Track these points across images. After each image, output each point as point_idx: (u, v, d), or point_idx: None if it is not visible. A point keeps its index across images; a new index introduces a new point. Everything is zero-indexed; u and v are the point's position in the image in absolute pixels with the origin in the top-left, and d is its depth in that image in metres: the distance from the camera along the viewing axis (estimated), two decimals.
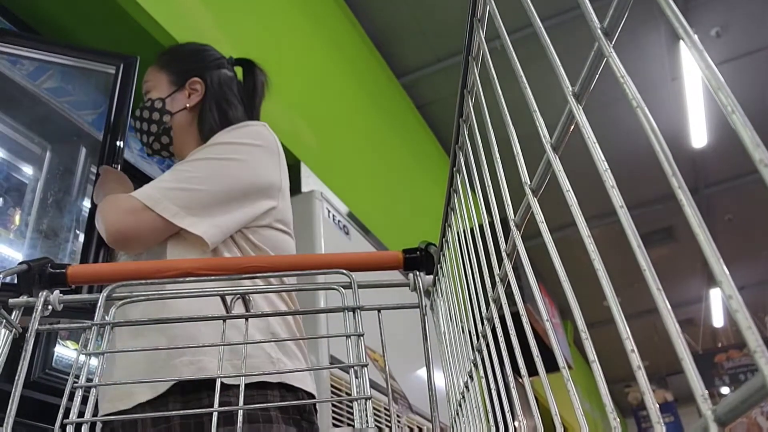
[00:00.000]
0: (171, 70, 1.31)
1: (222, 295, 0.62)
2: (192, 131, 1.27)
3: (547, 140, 0.34)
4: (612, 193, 0.26)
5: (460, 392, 0.60)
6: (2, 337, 0.55)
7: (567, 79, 0.31)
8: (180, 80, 1.29)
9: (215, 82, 1.30)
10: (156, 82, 1.30)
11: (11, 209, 1.95)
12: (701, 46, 0.21)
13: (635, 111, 0.24)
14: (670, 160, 0.22)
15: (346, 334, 0.57)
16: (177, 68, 1.31)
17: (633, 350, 0.24)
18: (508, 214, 0.41)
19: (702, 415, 0.19)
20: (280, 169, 1.19)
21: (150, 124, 1.26)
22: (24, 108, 1.95)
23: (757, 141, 0.18)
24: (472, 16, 0.46)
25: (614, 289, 0.26)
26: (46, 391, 1.73)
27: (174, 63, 1.32)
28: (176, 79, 1.29)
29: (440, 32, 4.07)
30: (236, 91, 1.32)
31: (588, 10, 0.29)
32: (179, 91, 1.28)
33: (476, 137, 0.51)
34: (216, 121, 1.25)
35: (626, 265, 1.67)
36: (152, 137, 1.28)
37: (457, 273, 0.61)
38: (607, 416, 0.28)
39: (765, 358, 0.17)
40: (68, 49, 1.70)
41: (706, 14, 4.21)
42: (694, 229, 0.20)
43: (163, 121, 1.26)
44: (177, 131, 1.27)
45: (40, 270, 0.60)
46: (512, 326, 0.43)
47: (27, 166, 2.05)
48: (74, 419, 0.48)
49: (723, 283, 0.19)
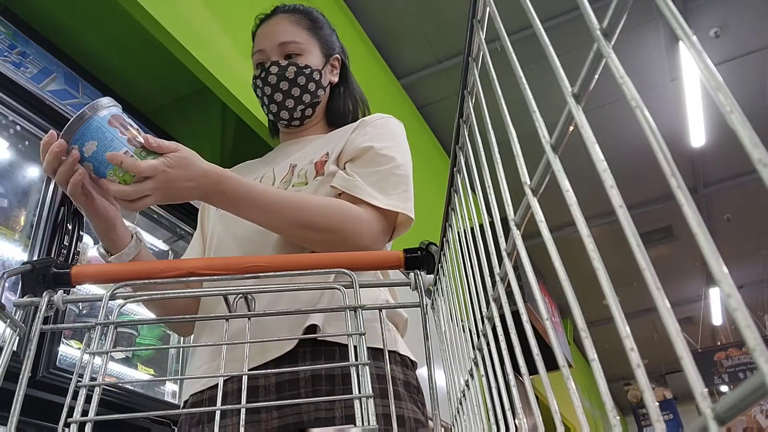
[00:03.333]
0: (320, 40, 1.26)
1: (224, 294, 0.62)
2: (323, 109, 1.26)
3: (546, 140, 0.34)
4: (611, 193, 0.26)
5: (461, 390, 0.61)
6: (7, 336, 0.55)
7: (566, 80, 0.31)
8: (327, 53, 1.26)
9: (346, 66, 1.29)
10: (308, 46, 1.23)
11: (16, 210, 1.95)
12: (700, 47, 0.21)
13: (634, 111, 0.25)
14: (669, 160, 0.23)
15: (347, 333, 0.58)
16: (324, 40, 1.26)
17: (633, 348, 0.25)
18: (508, 214, 0.41)
19: (701, 413, 0.19)
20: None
21: (303, 93, 1.20)
22: (27, 110, 1.95)
23: (756, 140, 0.18)
24: (472, 17, 0.47)
25: (614, 288, 0.26)
26: (50, 390, 1.73)
27: (321, 33, 1.27)
28: (325, 51, 1.25)
29: (440, 33, 4.07)
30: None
31: (587, 11, 0.29)
32: (326, 65, 1.25)
33: (476, 137, 0.51)
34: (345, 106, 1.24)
35: (626, 264, 1.67)
36: (301, 106, 1.21)
37: (457, 272, 0.61)
38: (607, 414, 0.28)
39: (764, 356, 0.17)
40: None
41: (705, 15, 4.21)
42: (693, 229, 0.20)
43: (317, 95, 1.22)
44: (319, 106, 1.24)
45: (43, 270, 0.60)
46: (512, 325, 0.43)
47: (32, 167, 2.05)
48: (78, 418, 0.48)
49: (722, 282, 0.19)
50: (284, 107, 1.21)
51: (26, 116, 1.96)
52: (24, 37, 2.04)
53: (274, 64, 1.20)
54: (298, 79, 1.19)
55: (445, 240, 0.67)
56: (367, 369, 0.55)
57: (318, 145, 1.19)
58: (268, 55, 1.22)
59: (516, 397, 0.44)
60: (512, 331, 0.42)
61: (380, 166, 1.07)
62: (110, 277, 0.64)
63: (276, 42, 1.21)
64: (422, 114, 4.72)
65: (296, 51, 1.21)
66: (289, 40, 1.21)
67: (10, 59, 1.96)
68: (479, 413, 0.55)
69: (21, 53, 2.01)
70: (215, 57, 2.26)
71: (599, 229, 5.51)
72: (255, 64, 1.25)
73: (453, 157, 0.59)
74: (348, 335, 0.58)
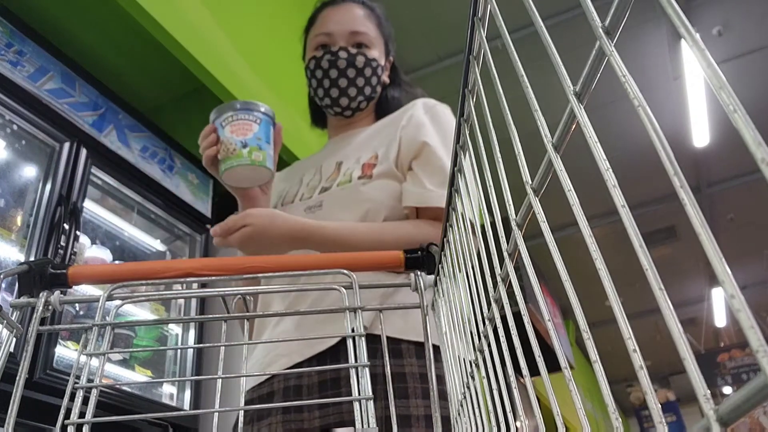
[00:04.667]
0: (383, 36, 1.27)
1: (222, 295, 0.62)
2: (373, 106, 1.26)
3: (548, 140, 0.33)
4: (614, 193, 0.25)
5: (462, 392, 0.60)
6: (3, 337, 0.55)
7: (568, 79, 0.31)
8: (387, 52, 1.27)
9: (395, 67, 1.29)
10: (374, 40, 1.24)
11: (13, 210, 1.95)
12: (703, 45, 0.21)
13: (637, 110, 0.24)
14: (672, 160, 0.22)
15: (347, 335, 0.57)
16: (386, 38, 1.27)
17: (635, 350, 0.24)
18: (509, 214, 0.41)
19: (704, 415, 0.19)
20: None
21: (366, 85, 1.21)
22: (24, 109, 1.95)
23: (759, 140, 0.18)
24: (473, 15, 0.46)
25: (616, 289, 0.26)
26: (48, 391, 1.73)
27: (385, 32, 1.28)
28: (386, 49, 1.27)
29: (441, 31, 4.07)
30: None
31: (589, 9, 0.28)
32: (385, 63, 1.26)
33: (477, 136, 0.51)
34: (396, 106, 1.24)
35: (628, 264, 1.67)
36: (362, 97, 1.22)
37: (458, 273, 0.61)
38: (609, 416, 0.28)
39: (767, 357, 0.17)
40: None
41: (708, 13, 4.20)
42: (696, 229, 0.20)
43: (376, 90, 1.23)
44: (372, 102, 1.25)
45: (40, 270, 0.60)
46: (514, 326, 0.42)
47: (28, 166, 2.05)
48: (75, 420, 0.48)
49: (725, 283, 0.19)
50: (345, 94, 1.21)
51: (23, 115, 1.96)
52: (21, 35, 2.04)
53: (343, 49, 1.20)
54: (365, 70, 1.19)
55: (445, 240, 0.67)
56: (367, 370, 0.55)
57: (366, 139, 1.19)
58: (335, 39, 1.22)
59: (517, 399, 0.44)
60: (513, 332, 0.42)
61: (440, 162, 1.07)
62: (107, 278, 0.64)
63: (348, 29, 1.21)
64: None
65: (366, 42, 1.22)
66: (362, 30, 1.22)
67: (7, 58, 1.95)
68: (480, 414, 0.54)
69: (18, 52, 2.00)
70: (213, 55, 2.26)
71: (601, 230, 5.51)
72: (316, 45, 1.24)
73: (454, 157, 0.58)
74: (348, 336, 0.57)
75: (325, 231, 1.01)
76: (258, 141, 1.04)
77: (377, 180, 1.09)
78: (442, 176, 1.04)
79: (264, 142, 1.05)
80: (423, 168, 1.07)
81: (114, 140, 2.32)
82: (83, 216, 2.11)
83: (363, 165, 1.12)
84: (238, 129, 1.03)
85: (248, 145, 1.02)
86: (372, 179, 1.09)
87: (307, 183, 1.20)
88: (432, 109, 1.18)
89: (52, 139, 2.07)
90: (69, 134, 2.11)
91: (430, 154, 1.08)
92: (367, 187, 1.09)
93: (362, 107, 1.23)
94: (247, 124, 1.03)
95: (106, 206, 2.40)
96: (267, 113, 1.07)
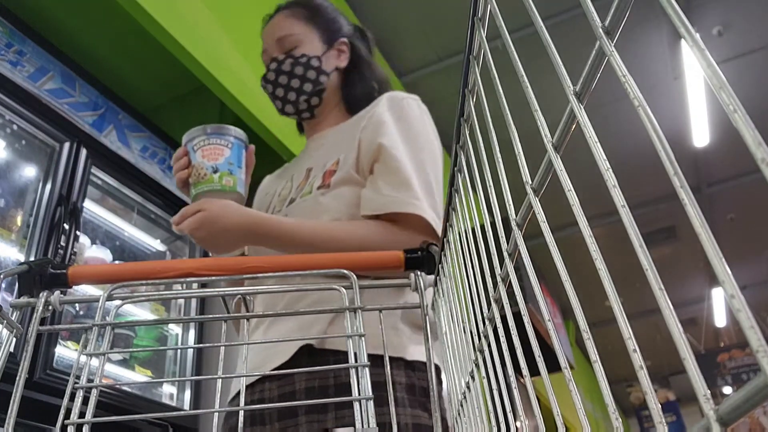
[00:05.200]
0: (319, 26, 1.24)
1: (222, 295, 0.62)
2: (337, 96, 1.24)
3: (548, 140, 0.33)
4: (614, 193, 0.25)
5: (462, 392, 0.60)
6: (3, 337, 0.55)
7: (568, 79, 0.31)
8: (329, 39, 1.23)
9: (358, 47, 1.26)
10: (304, 36, 1.22)
11: (13, 210, 1.95)
12: (703, 45, 0.21)
13: (637, 110, 0.24)
14: (672, 160, 0.22)
15: (347, 335, 0.57)
16: (325, 26, 1.25)
17: (635, 350, 0.24)
18: (509, 214, 0.41)
19: (704, 415, 0.19)
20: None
21: (304, 82, 1.19)
22: (24, 109, 1.95)
23: (760, 140, 0.18)
24: (473, 15, 0.46)
25: (616, 289, 0.26)
26: (48, 391, 1.73)
27: (320, 19, 1.25)
28: (326, 37, 1.23)
29: (441, 31, 4.07)
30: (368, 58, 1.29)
31: (589, 9, 0.28)
32: (330, 50, 1.23)
33: (477, 136, 0.51)
34: (363, 89, 1.22)
35: (628, 264, 1.67)
36: (304, 96, 1.20)
37: (458, 272, 0.61)
38: (609, 416, 0.28)
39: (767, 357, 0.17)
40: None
41: (708, 13, 4.20)
42: (696, 229, 0.20)
43: (319, 81, 1.20)
44: (328, 93, 1.22)
45: (40, 270, 0.60)
46: (514, 326, 0.42)
47: (28, 166, 2.05)
48: (75, 420, 0.48)
49: (725, 283, 0.19)
50: (287, 101, 1.21)
51: (23, 115, 1.96)
52: (21, 35, 2.04)
53: (273, 60, 1.20)
54: (295, 70, 1.18)
55: (445, 240, 0.67)
56: (367, 371, 0.55)
57: (333, 140, 1.18)
58: (269, 53, 1.22)
59: (517, 399, 0.44)
60: (513, 332, 0.42)
61: (395, 164, 1.04)
62: (107, 278, 0.64)
63: (274, 39, 1.22)
64: None
65: (293, 44, 1.20)
66: (284, 35, 1.21)
67: (7, 58, 1.95)
68: (480, 415, 0.54)
69: (18, 52, 2.01)
70: (213, 55, 2.26)
71: (601, 230, 5.51)
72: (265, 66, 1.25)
73: (454, 157, 0.58)
74: (348, 336, 0.57)
75: (279, 225, 0.99)
76: (229, 166, 1.07)
77: (335, 189, 1.08)
78: (399, 177, 1.02)
79: (235, 166, 1.08)
80: (381, 171, 1.05)
81: (114, 140, 2.33)
82: (83, 216, 2.11)
83: (324, 173, 1.11)
84: (209, 153, 1.06)
85: (219, 170, 1.05)
86: (330, 188, 1.08)
87: (279, 193, 1.20)
88: (396, 105, 1.14)
89: (52, 139, 2.07)
90: (69, 134, 2.11)
91: (387, 156, 1.05)
92: (325, 198, 1.08)
93: (314, 103, 1.21)
94: (219, 149, 1.06)
95: (106, 206, 2.40)
96: (239, 137, 1.10)
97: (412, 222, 0.99)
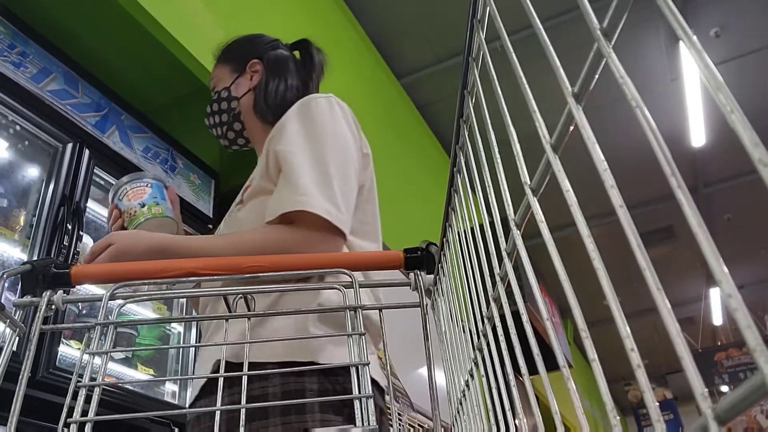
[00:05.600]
0: (230, 60, 1.31)
1: (224, 294, 0.62)
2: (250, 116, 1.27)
3: (546, 140, 0.34)
4: (612, 193, 0.26)
5: (461, 390, 0.60)
6: (6, 336, 0.55)
7: (566, 80, 0.31)
8: (240, 67, 1.29)
9: (272, 60, 1.29)
10: (219, 76, 1.30)
11: (16, 210, 1.95)
12: (700, 47, 0.21)
13: (635, 111, 0.25)
14: (670, 160, 0.22)
15: (347, 333, 0.58)
16: (235, 56, 1.31)
17: (633, 349, 0.24)
18: (508, 214, 0.41)
19: (702, 414, 0.19)
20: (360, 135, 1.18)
21: (221, 115, 1.26)
22: (27, 110, 1.95)
23: (756, 140, 0.18)
24: (472, 17, 0.47)
25: (614, 288, 0.26)
26: (50, 390, 1.73)
27: (231, 53, 1.33)
28: (236, 66, 1.29)
29: (440, 33, 4.07)
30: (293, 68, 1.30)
31: (587, 11, 0.29)
32: (241, 76, 1.28)
33: (476, 137, 0.51)
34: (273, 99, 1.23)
35: (626, 264, 1.67)
36: (225, 127, 1.27)
37: (457, 272, 0.61)
38: (608, 414, 0.28)
39: (764, 356, 0.17)
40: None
41: (705, 15, 4.21)
42: (694, 229, 0.20)
43: (231, 108, 1.26)
44: (245, 115, 1.26)
45: (43, 270, 0.60)
46: (512, 325, 0.43)
47: (31, 167, 2.05)
48: (78, 418, 0.48)
49: (722, 282, 0.19)
50: (222, 137, 1.29)
51: (26, 116, 1.96)
52: (24, 36, 2.04)
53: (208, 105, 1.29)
54: (213, 106, 1.27)
55: (445, 240, 0.67)
56: (368, 369, 0.55)
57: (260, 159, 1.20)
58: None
59: (516, 398, 0.44)
60: (512, 331, 0.42)
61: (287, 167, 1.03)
62: (110, 277, 0.64)
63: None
64: (422, 114, 4.72)
65: (213, 86, 1.30)
66: (211, 79, 1.32)
67: (10, 59, 1.96)
68: (479, 413, 0.55)
69: (21, 53, 2.01)
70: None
71: (600, 229, 5.51)
72: None
73: (453, 157, 0.59)
74: (348, 335, 0.58)
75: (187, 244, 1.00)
76: (154, 199, 1.16)
77: (248, 203, 1.11)
78: (288, 178, 1.02)
79: (160, 199, 1.17)
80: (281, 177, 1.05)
81: (116, 141, 2.33)
82: (86, 216, 2.11)
83: (243, 189, 1.16)
84: (133, 195, 1.15)
85: (146, 204, 1.14)
86: (244, 203, 1.12)
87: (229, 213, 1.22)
88: (304, 107, 1.13)
89: (55, 140, 2.07)
90: (72, 135, 2.11)
91: (282, 160, 1.05)
92: (241, 212, 1.12)
93: (236, 129, 1.26)
94: (141, 190, 1.16)
95: (108, 206, 2.40)
96: (156, 178, 1.19)
97: (304, 219, 0.97)
